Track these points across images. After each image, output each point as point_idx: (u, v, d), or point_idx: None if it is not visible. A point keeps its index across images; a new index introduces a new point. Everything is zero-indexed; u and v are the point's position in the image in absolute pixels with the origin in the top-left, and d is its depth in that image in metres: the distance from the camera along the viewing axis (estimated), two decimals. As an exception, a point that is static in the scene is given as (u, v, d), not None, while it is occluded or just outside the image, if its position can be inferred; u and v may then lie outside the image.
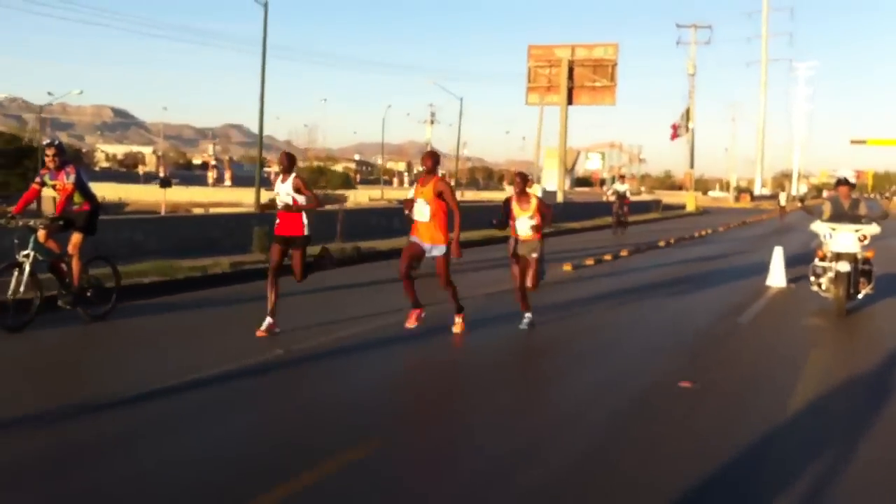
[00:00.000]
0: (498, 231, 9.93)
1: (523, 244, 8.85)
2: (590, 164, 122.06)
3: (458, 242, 7.98)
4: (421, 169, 9.55)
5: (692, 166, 47.22)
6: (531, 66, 34.57)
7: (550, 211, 9.13)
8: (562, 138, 34.38)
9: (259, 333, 7.79)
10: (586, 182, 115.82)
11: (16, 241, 8.62)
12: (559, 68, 33.88)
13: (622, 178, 28.33)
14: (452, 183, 13.37)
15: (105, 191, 62.88)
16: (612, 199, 26.34)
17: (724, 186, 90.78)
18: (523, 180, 8.90)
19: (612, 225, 25.19)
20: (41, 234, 8.57)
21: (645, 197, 59.32)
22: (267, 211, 9.90)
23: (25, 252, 8.43)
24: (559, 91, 34.08)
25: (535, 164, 44.91)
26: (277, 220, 8.45)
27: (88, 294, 8.82)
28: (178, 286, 10.78)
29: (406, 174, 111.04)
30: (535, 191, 12.90)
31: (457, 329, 8.21)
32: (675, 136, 55.03)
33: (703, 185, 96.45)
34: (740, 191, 72.40)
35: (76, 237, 8.72)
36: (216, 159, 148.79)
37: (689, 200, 44.68)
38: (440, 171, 8.84)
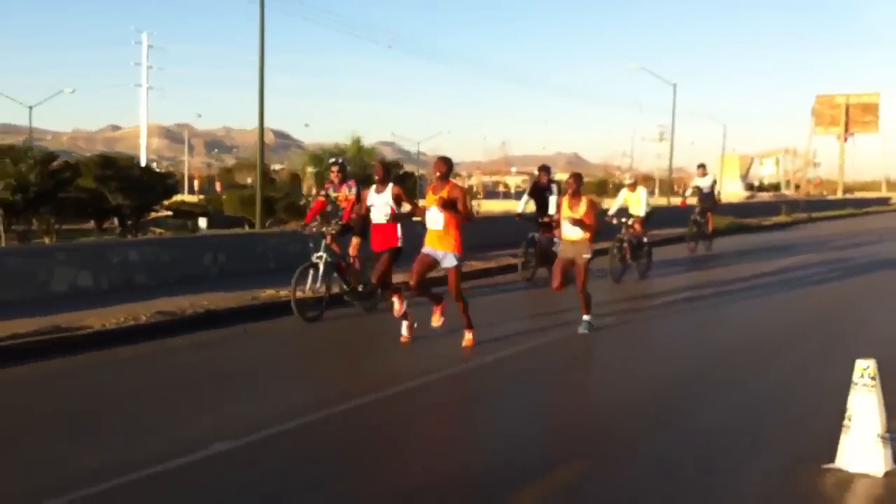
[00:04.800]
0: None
1: (571, 245, 8.96)
2: (764, 170, 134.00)
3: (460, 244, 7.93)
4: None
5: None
6: (817, 108, 51.56)
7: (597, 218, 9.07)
8: (841, 160, 51.15)
9: (403, 339, 8.40)
10: (752, 187, 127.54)
11: (311, 244, 9.81)
12: (838, 110, 50.63)
13: (703, 167, 19.31)
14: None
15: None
16: (692, 198, 19.97)
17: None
18: (577, 181, 8.99)
19: (687, 236, 18.85)
20: (329, 238, 9.62)
21: (847, 195, 73.52)
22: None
23: (318, 254, 9.61)
24: (838, 125, 50.91)
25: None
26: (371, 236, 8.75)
27: (360, 289, 9.99)
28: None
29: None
30: (640, 193, 13.70)
31: (466, 343, 8.11)
32: (846, 137, 68.54)
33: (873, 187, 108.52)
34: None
35: (356, 240, 9.82)
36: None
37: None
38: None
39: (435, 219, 7.85)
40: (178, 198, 79.79)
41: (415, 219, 8.65)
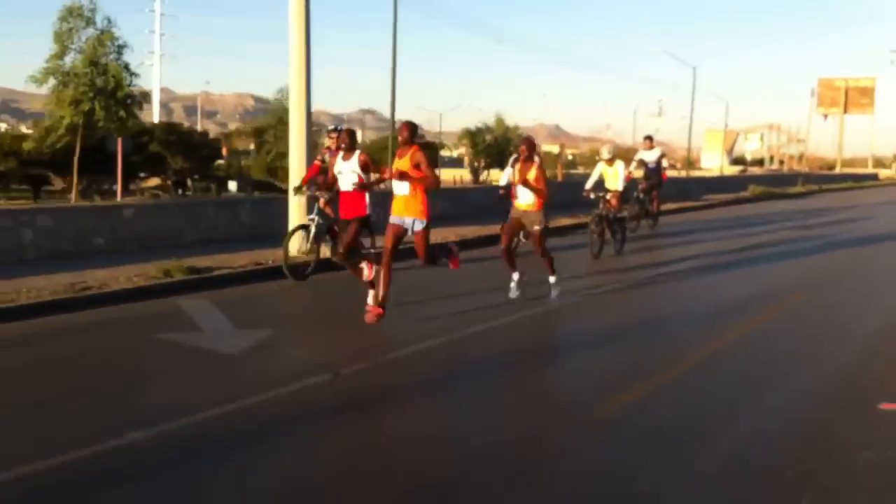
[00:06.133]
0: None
1: (523, 213, 8.91)
2: (748, 146, 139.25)
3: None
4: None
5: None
6: (820, 90, 56.46)
7: (547, 184, 8.83)
8: (840, 139, 56.25)
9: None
10: (743, 161, 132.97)
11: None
12: (838, 92, 55.58)
13: (649, 140, 17.85)
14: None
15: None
16: (637, 174, 17.13)
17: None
18: (529, 147, 8.84)
19: (629, 215, 15.49)
20: (321, 202, 9.83)
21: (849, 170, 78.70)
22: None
23: (311, 216, 10.05)
24: (838, 106, 55.95)
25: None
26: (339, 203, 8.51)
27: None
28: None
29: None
30: (618, 168, 13.40)
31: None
32: (826, 115, 73.20)
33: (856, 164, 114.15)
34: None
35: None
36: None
37: (901, 172, 65.84)
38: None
39: (401, 184, 7.79)
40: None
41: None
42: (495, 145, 43.00)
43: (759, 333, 8.06)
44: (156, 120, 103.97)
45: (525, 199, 8.86)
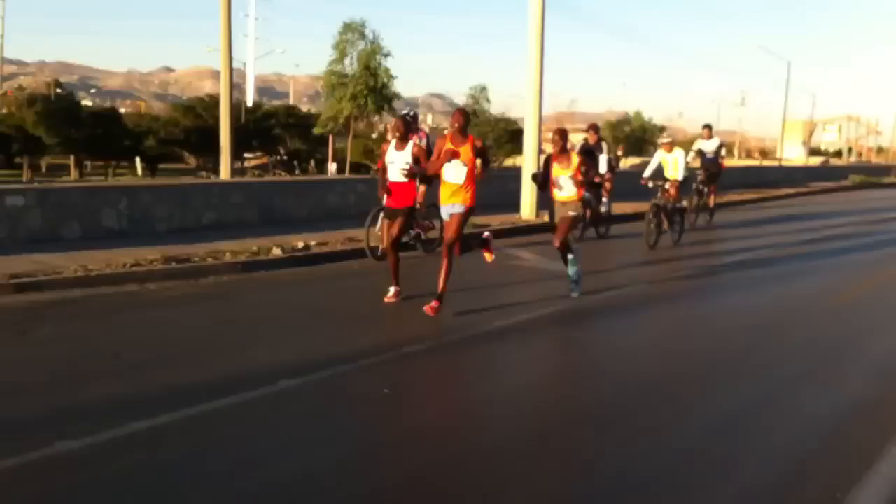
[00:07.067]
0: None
1: (563, 206, 8.75)
2: (826, 136, 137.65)
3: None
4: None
5: None
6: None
7: (592, 170, 8.95)
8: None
9: (387, 299, 8.21)
10: (821, 152, 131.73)
11: None
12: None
13: (709, 128, 17.21)
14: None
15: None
16: (695, 164, 16.92)
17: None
18: (563, 138, 8.52)
19: (688, 208, 15.11)
20: None
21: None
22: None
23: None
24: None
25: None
26: (389, 192, 8.48)
27: (423, 236, 11.12)
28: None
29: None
30: (678, 156, 13.28)
31: (429, 310, 7.61)
32: None
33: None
34: None
35: (422, 188, 10.08)
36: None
37: None
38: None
39: (457, 173, 7.68)
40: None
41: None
42: (633, 136, 48.30)
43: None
44: (250, 102, 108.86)
45: (567, 192, 8.78)
